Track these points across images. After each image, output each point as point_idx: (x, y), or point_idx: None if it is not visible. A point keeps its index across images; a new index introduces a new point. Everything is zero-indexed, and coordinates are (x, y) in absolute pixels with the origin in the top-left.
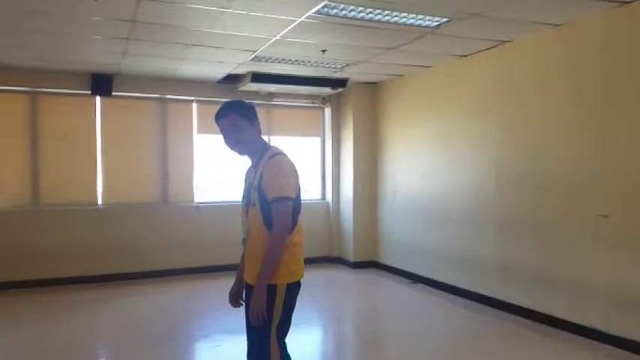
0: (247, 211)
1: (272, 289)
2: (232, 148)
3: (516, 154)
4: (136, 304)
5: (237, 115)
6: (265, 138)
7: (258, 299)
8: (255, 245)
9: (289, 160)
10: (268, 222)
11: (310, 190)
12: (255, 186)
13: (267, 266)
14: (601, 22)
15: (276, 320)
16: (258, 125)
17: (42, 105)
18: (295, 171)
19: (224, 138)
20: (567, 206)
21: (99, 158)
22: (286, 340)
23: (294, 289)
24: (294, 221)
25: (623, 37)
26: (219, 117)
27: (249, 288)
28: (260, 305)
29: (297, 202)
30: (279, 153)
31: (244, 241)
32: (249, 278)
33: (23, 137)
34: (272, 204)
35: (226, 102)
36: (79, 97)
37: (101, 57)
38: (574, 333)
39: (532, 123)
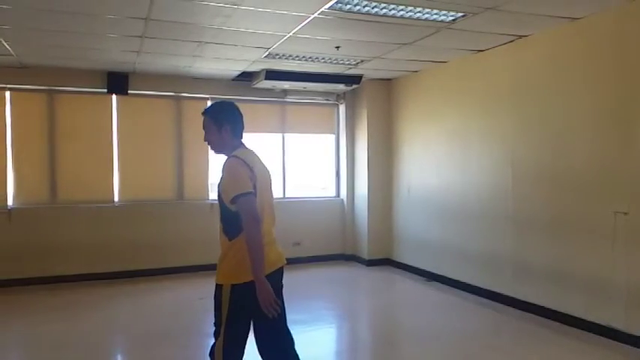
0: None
1: (218, 290)
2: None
3: (533, 150)
4: (152, 301)
5: (208, 118)
6: (279, 135)
7: (262, 293)
8: (220, 243)
9: (240, 160)
10: (223, 222)
11: (325, 188)
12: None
13: (253, 260)
14: (618, 16)
15: (224, 322)
16: (229, 130)
17: (59, 103)
18: (250, 168)
19: None
20: (585, 203)
21: (115, 156)
22: (294, 338)
23: (241, 290)
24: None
25: None
26: (203, 116)
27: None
28: (267, 298)
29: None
30: (233, 155)
31: None
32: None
33: (41, 135)
34: (234, 202)
35: (213, 103)
36: (95, 95)
37: (117, 55)
38: (591, 332)
39: (549, 118)
